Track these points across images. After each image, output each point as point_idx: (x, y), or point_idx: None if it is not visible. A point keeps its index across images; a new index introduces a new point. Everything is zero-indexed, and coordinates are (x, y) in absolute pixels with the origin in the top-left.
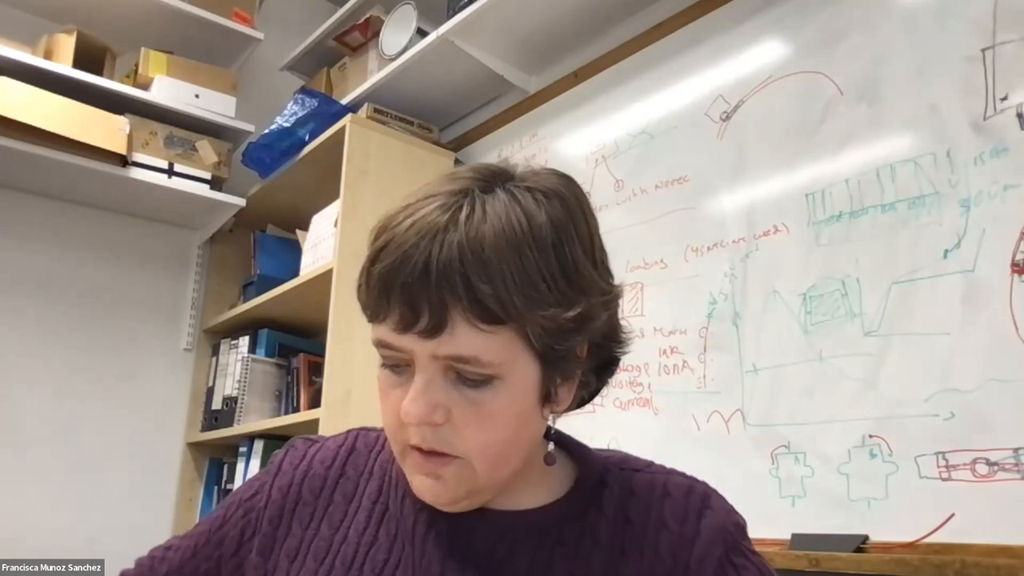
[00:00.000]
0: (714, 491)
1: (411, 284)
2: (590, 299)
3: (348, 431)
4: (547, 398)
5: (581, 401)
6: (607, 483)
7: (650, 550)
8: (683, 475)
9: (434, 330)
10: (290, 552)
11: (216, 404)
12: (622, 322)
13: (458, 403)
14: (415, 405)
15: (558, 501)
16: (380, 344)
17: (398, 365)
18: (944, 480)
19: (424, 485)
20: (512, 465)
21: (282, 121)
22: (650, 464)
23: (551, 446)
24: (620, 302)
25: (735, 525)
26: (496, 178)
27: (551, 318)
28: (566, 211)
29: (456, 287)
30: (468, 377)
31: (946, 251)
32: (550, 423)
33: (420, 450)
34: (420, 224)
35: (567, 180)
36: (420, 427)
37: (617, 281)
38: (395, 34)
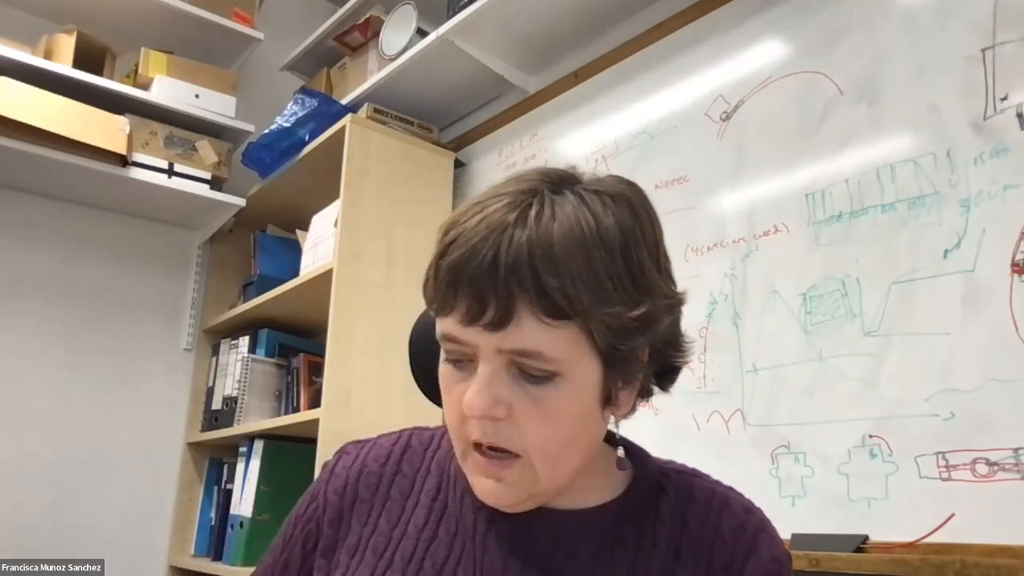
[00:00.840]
0: (771, 522)
1: (479, 276)
2: (654, 301)
3: (402, 430)
4: (608, 400)
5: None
6: (664, 486)
7: (704, 558)
8: (742, 495)
9: (500, 323)
10: (350, 548)
11: (216, 404)
12: (684, 331)
13: (520, 399)
14: (478, 397)
15: (616, 500)
16: (445, 338)
17: (461, 360)
18: (944, 480)
19: (486, 487)
20: (572, 466)
21: (282, 121)
22: (707, 474)
23: (621, 451)
24: (682, 310)
25: (787, 557)
26: (564, 181)
27: (616, 316)
28: (633, 216)
29: (524, 280)
30: (531, 373)
31: (946, 251)
32: (612, 427)
33: (481, 451)
34: (489, 220)
35: (634, 186)
36: (482, 421)
37: (680, 289)
38: (395, 34)
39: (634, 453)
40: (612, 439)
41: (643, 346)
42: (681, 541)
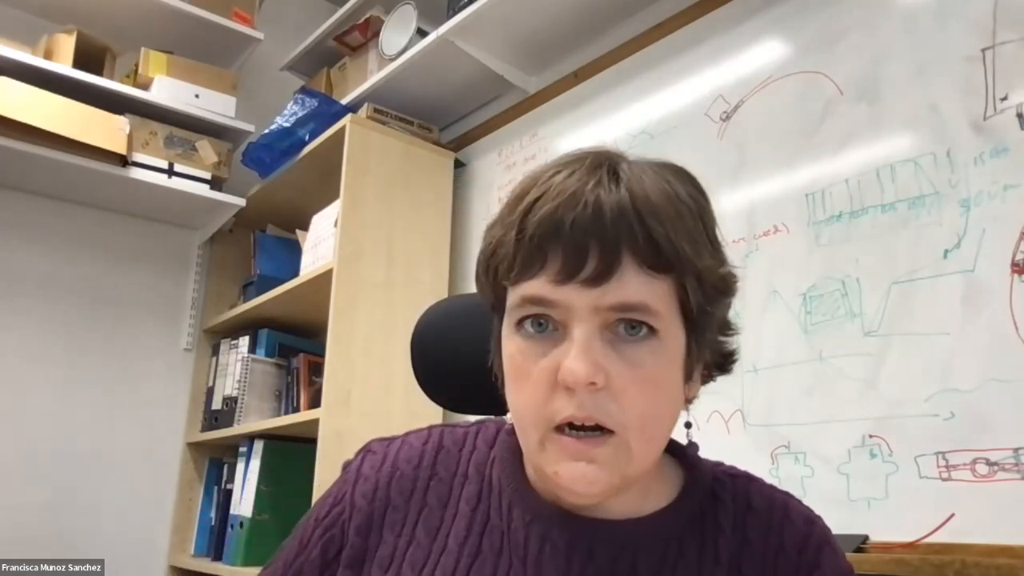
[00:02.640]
0: (831, 531)
1: (581, 224)
2: (729, 266)
3: (431, 427)
4: (688, 376)
5: None
6: (719, 493)
7: (768, 575)
8: (800, 502)
9: (601, 276)
10: (383, 562)
11: (216, 404)
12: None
13: (617, 365)
14: (580, 362)
15: (672, 506)
16: (530, 301)
17: (543, 329)
18: (944, 480)
19: (576, 472)
20: (660, 448)
21: (282, 121)
22: (760, 477)
23: (691, 432)
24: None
25: (851, 570)
26: (618, 156)
27: (711, 270)
28: (699, 190)
29: (632, 226)
30: (628, 332)
31: (946, 251)
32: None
33: (571, 431)
34: (577, 177)
35: (685, 169)
36: (578, 393)
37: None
38: (395, 34)
39: (684, 452)
40: None
41: (724, 312)
42: (743, 556)
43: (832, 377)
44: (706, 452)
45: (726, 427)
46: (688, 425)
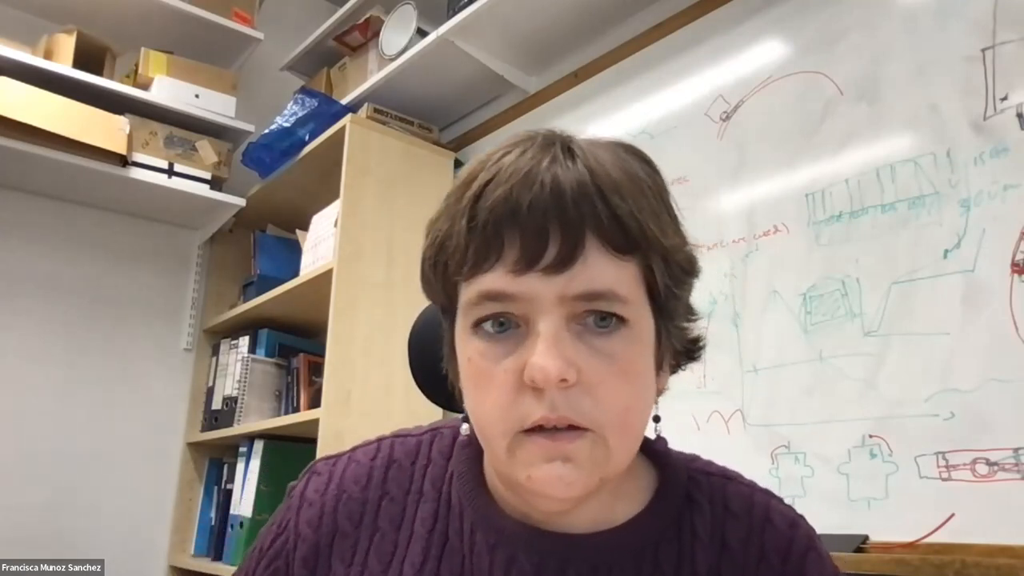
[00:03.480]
0: (815, 532)
1: (539, 205)
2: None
3: (380, 439)
4: (659, 366)
5: None
6: (694, 496)
7: None
8: (782, 502)
9: (565, 261)
10: None
11: (216, 404)
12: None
13: (588, 359)
14: (548, 358)
15: (645, 513)
16: (487, 296)
17: (504, 327)
18: (944, 480)
19: (551, 474)
20: (637, 445)
21: (282, 121)
22: (737, 474)
23: (658, 428)
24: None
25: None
26: (566, 137)
27: (677, 249)
28: (651, 167)
29: (595, 205)
30: (598, 322)
31: (946, 251)
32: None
33: (543, 431)
34: (529, 155)
35: (635, 146)
36: (548, 393)
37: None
38: (395, 34)
39: (657, 451)
40: None
41: (688, 295)
42: (722, 564)
43: (832, 377)
44: (706, 452)
45: (726, 427)
46: (657, 419)
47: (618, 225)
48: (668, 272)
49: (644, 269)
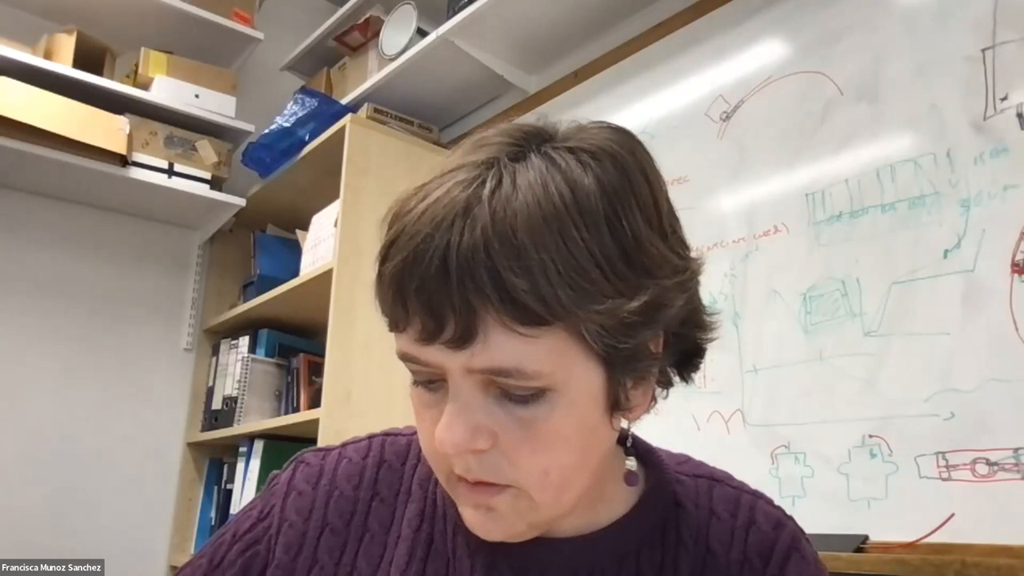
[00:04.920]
0: (803, 532)
1: (428, 285)
2: (660, 281)
3: (371, 437)
4: (616, 405)
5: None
6: (681, 500)
7: None
8: (771, 502)
9: (463, 339)
10: None
11: (216, 404)
12: (705, 302)
13: (505, 424)
14: (450, 432)
15: (629, 518)
16: (405, 357)
17: (432, 380)
18: (944, 480)
19: (476, 519)
20: (579, 489)
21: (282, 121)
22: (727, 475)
23: (631, 462)
24: (700, 279)
25: None
26: (530, 140)
27: (610, 312)
28: (621, 173)
29: (483, 285)
30: (516, 392)
31: (946, 251)
32: (624, 427)
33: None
34: (435, 209)
35: (622, 134)
36: (463, 456)
37: (695, 253)
38: (395, 34)
39: (645, 454)
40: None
41: (654, 337)
42: (706, 570)
43: (832, 377)
44: (706, 452)
45: (726, 427)
46: (624, 439)
47: (514, 305)
48: (604, 334)
49: (573, 332)
